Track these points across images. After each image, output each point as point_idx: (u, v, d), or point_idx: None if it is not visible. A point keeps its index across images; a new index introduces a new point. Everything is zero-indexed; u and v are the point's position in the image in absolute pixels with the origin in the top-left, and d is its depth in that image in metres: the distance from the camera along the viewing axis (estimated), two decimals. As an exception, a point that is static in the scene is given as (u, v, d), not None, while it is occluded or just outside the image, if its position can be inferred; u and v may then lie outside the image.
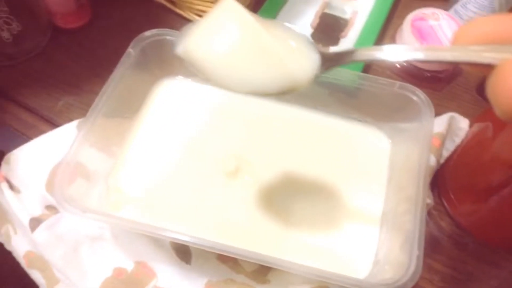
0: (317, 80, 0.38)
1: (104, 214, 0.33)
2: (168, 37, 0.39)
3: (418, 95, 0.36)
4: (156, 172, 0.38)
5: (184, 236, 0.30)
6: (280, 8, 0.50)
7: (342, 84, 0.39)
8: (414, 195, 0.32)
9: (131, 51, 0.37)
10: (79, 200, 0.33)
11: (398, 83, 0.37)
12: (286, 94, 0.27)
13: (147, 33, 0.38)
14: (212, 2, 0.46)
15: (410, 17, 0.46)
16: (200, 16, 0.49)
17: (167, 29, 0.39)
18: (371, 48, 0.24)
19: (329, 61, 0.27)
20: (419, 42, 0.44)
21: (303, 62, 0.27)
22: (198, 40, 0.27)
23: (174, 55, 0.40)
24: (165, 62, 0.41)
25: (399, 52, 0.23)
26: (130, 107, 0.40)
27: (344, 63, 0.26)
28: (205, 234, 0.32)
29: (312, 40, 0.29)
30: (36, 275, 0.38)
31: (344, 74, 0.38)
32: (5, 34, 0.42)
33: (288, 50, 0.27)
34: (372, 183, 0.38)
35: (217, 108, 0.42)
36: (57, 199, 0.31)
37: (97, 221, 0.35)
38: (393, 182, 0.37)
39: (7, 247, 0.41)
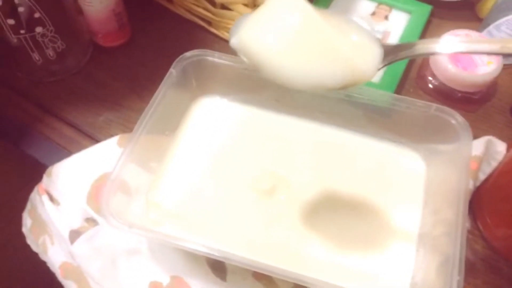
0: (351, 100, 0.39)
1: (148, 230, 0.34)
2: (207, 58, 0.40)
3: (456, 118, 0.36)
4: (194, 189, 0.39)
5: (221, 252, 0.31)
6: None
7: (377, 104, 0.39)
8: (453, 219, 0.32)
9: (173, 71, 0.39)
10: (120, 216, 0.34)
11: (434, 105, 0.37)
12: (347, 87, 0.26)
13: (188, 53, 0.39)
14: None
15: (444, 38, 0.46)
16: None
17: (206, 50, 0.40)
18: (429, 41, 0.25)
19: (390, 55, 0.26)
20: (454, 64, 0.45)
21: (366, 55, 0.26)
22: (254, 31, 0.26)
23: (212, 74, 0.41)
24: (204, 82, 0.42)
25: (455, 44, 0.24)
26: (169, 125, 0.41)
27: (404, 57, 0.26)
28: (241, 251, 0.32)
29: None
30: (71, 286, 0.39)
31: (378, 95, 0.39)
32: (50, 52, 0.44)
33: (351, 43, 0.26)
34: (407, 204, 0.38)
35: (252, 127, 0.43)
36: (104, 214, 0.32)
37: (140, 236, 0.36)
38: (429, 204, 0.37)
39: (42, 257, 0.42)
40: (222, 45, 0.51)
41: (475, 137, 0.45)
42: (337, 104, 0.40)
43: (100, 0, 0.43)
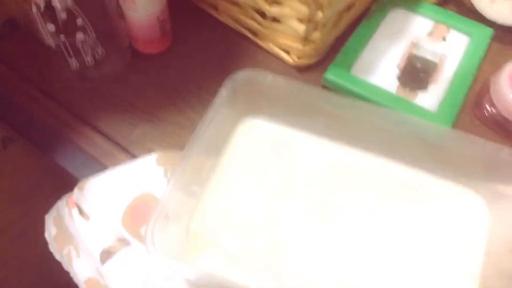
0: (409, 135, 0.36)
1: (189, 261, 0.32)
2: (258, 78, 0.37)
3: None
4: (237, 217, 0.36)
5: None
6: (363, 47, 0.47)
7: (436, 139, 0.36)
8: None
9: (223, 92, 0.36)
10: (160, 242, 0.32)
11: (506, 148, 0.34)
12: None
13: (239, 74, 0.37)
14: (298, 38, 0.44)
15: (508, 68, 0.43)
16: (283, 50, 0.47)
17: (259, 70, 0.37)
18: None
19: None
20: (519, 97, 0.41)
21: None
22: None
23: (262, 95, 0.39)
24: (253, 102, 0.39)
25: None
26: (215, 146, 0.39)
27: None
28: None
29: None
30: None
31: (439, 131, 0.36)
32: (89, 58, 0.41)
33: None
34: (466, 253, 0.35)
35: (302, 152, 0.40)
36: (148, 246, 0.30)
37: (182, 270, 0.34)
38: (492, 255, 0.34)
39: (66, 267, 0.41)
40: (266, 56, 0.48)
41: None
42: (392, 136, 0.37)
43: (145, 8, 0.40)
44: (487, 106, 0.44)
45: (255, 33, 0.48)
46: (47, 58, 0.42)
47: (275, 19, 0.44)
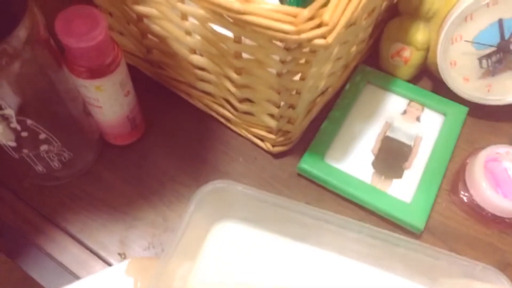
0: (385, 243, 0.36)
1: None
2: (227, 187, 0.36)
3: (502, 282, 0.33)
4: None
5: None
6: (337, 130, 0.47)
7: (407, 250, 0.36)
8: None
9: (192, 207, 0.35)
10: None
11: (480, 265, 0.33)
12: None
13: (208, 187, 0.36)
14: (271, 130, 0.43)
15: (483, 157, 0.43)
16: (257, 138, 0.46)
17: (226, 181, 0.37)
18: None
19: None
20: (493, 188, 0.41)
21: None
22: None
23: (234, 202, 0.38)
24: (225, 209, 0.38)
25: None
26: (187, 251, 0.38)
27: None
28: None
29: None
30: None
31: (417, 247, 0.36)
32: (55, 164, 0.40)
33: None
34: None
35: (271, 254, 0.39)
36: None
37: None
38: None
39: None
40: (240, 141, 0.48)
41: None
42: (366, 244, 0.37)
43: (113, 111, 0.39)
44: (462, 192, 0.44)
45: (228, 119, 0.47)
46: (13, 164, 0.40)
47: (247, 112, 0.43)
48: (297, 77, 0.36)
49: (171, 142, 0.47)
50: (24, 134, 0.34)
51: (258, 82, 0.37)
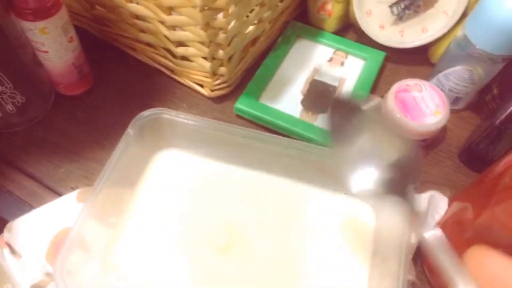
0: (306, 158, 0.41)
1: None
2: (164, 115, 0.41)
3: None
4: (152, 247, 0.40)
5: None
6: (271, 76, 0.52)
7: (330, 162, 0.41)
8: (396, 272, 0.34)
9: (130, 131, 0.40)
10: (77, 274, 0.35)
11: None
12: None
13: (145, 113, 0.41)
14: (207, 74, 0.49)
15: (394, 88, 0.49)
16: (198, 84, 0.51)
17: (162, 108, 0.41)
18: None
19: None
20: (403, 114, 0.47)
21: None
22: None
23: (171, 131, 0.43)
24: (163, 137, 0.43)
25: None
26: (130, 179, 0.42)
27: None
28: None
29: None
30: None
31: (332, 153, 0.41)
32: (9, 107, 0.44)
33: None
34: (356, 254, 0.40)
35: (211, 181, 0.44)
36: (56, 279, 0.33)
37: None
38: (378, 256, 0.39)
39: None
40: (184, 90, 0.53)
41: (425, 181, 0.47)
42: (292, 160, 0.42)
43: (59, 56, 0.44)
44: (381, 122, 0.50)
45: (171, 70, 0.52)
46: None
47: (185, 58, 0.48)
48: (220, 15, 0.41)
49: (120, 94, 0.52)
50: (-23, 73, 0.39)
51: (186, 21, 0.42)
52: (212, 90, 0.51)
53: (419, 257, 0.42)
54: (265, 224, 0.41)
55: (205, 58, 0.47)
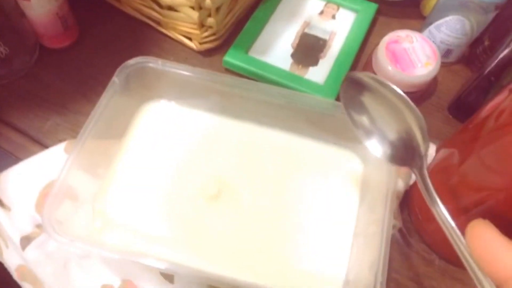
0: (294, 106, 0.41)
1: (90, 243, 0.35)
2: (150, 65, 0.40)
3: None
4: (141, 196, 0.40)
5: (162, 263, 0.32)
6: (260, 29, 0.51)
7: (319, 111, 0.41)
8: (382, 219, 0.35)
9: (116, 79, 0.39)
10: (66, 223, 0.35)
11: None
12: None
13: (131, 61, 0.40)
14: (195, 25, 0.47)
15: (385, 40, 0.48)
16: (185, 37, 0.50)
17: (149, 57, 0.41)
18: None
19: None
20: (393, 65, 0.47)
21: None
22: None
23: (157, 80, 0.42)
24: (149, 87, 0.42)
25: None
26: (116, 130, 0.42)
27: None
28: (186, 258, 0.34)
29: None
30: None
31: (321, 102, 0.41)
32: (-7, 58, 0.43)
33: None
34: (345, 203, 0.40)
35: (199, 131, 0.44)
36: (45, 227, 0.33)
37: (83, 249, 0.37)
38: (364, 203, 0.40)
39: None
40: (171, 44, 0.52)
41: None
42: (281, 110, 0.42)
43: (41, 5, 0.42)
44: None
45: (158, 22, 0.51)
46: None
47: (171, 8, 0.47)
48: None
49: (106, 48, 0.51)
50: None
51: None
52: (200, 43, 0.50)
53: (407, 207, 0.43)
54: (255, 173, 0.41)
55: (192, 7, 0.45)
